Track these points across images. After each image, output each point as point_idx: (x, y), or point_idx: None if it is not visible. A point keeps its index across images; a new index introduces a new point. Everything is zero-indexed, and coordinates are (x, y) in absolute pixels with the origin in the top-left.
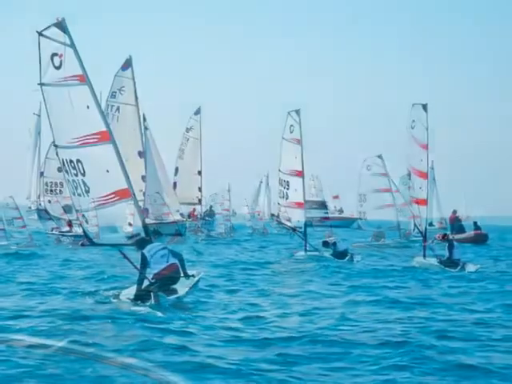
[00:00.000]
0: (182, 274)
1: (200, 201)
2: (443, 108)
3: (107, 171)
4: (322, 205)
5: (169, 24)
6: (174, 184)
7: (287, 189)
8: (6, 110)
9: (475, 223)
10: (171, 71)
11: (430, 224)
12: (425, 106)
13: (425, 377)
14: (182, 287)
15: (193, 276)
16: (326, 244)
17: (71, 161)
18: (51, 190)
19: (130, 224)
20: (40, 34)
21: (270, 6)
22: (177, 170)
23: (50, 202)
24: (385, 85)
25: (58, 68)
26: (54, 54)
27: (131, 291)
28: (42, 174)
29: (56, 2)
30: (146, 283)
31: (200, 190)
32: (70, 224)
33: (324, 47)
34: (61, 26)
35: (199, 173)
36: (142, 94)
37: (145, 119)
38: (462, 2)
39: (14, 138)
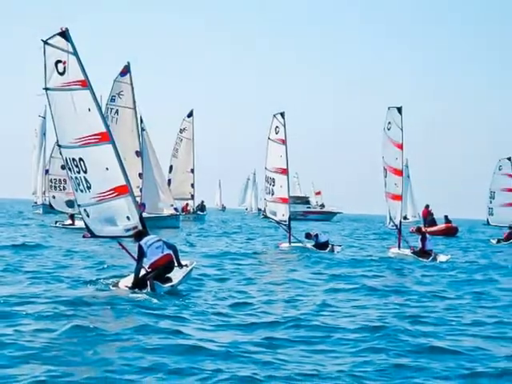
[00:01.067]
0: (176, 264)
1: (193, 196)
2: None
3: (107, 169)
4: (305, 200)
5: (165, 29)
6: (169, 181)
7: (273, 185)
8: (12, 113)
9: (446, 217)
10: (167, 75)
11: (405, 218)
12: (399, 109)
13: (400, 358)
14: (176, 276)
15: (186, 266)
16: (308, 236)
17: (74, 159)
18: (55, 187)
19: (128, 218)
20: (45, 42)
21: (265, 9)
22: (171, 167)
23: (54, 197)
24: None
25: (61, 74)
26: (58, 61)
27: (129, 280)
28: (47, 171)
29: (58, 6)
30: (142, 272)
31: (193, 186)
32: (72, 218)
33: (316, 49)
34: (64, 35)
35: (192, 170)
36: (139, 97)
37: (142, 121)
38: (439, 8)
39: (20, 138)
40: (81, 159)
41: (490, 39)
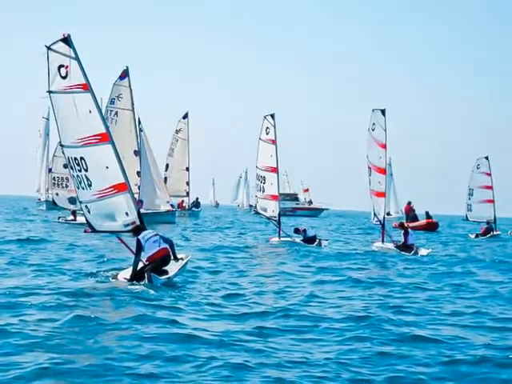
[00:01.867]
0: (172, 257)
1: (188, 193)
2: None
3: (107, 167)
4: (294, 197)
5: (164, 30)
6: (165, 179)
7: (263, 183)
8: (17, 114)
9: (427, 213)
10: (164, 78)
11: (388, 214)
12: (383, 111)
13: (383, 347)
14: (172, 269)
15: (181, 259)
16: (297, 231)
17: (75, 158)
18: (58, 184)
19: (126, 214)
20: (48, 48)
21: (264, 10)
22: (167, 166)
23: (57, 194)
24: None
25: (64, 78)
26: (61, 66)
27: (128, 272)
28: (50, 170)
29: (60, 13)
30: (140, 265)
31: (188, 184)
32: (74, 214)
33: (308, 52)
34: (67, 41)
35: (187, 169)
36: (137, 99)
37: (140, 122)
38: (422, 10)
39: (24, 138)
40: (82, 158)
41: (465, 41)
